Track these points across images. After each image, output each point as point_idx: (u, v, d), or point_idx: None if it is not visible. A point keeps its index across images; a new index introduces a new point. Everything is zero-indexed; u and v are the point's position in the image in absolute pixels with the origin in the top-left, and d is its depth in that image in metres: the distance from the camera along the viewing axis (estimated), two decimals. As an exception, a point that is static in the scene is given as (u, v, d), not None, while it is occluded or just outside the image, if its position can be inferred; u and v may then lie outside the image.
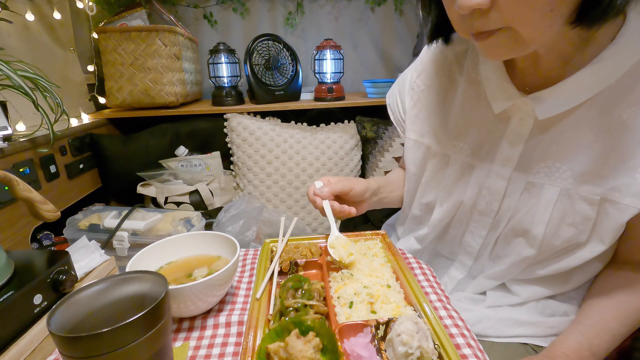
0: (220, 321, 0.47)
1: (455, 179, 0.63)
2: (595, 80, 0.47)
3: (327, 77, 1.45)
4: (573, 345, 0.50)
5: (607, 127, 0.48)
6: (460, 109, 0.62)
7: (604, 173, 0.49)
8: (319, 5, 1.64)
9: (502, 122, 0.57)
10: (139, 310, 0.31)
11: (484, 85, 0.58)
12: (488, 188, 0.59)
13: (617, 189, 0.48)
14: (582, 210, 0.50)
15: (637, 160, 0.46)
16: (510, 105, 0.54)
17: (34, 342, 0.49)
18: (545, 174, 0.53)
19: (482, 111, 0.59)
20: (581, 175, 0.50)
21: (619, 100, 0.47)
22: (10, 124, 0.89)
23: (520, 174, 0.55)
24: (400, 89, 0.75)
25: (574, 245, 0.53)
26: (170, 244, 0.54)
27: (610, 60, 0.46)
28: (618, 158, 0.47)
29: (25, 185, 0.55)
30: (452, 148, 0.63)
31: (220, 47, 1.40)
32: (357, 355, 0.40)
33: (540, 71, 0.52)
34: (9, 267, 0.52)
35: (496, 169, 0.58)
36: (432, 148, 0.67)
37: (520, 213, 0.56)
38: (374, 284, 0.50)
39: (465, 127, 0.62)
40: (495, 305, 0.61)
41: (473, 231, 0.63)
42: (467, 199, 0.62)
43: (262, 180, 1.39)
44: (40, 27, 1.17)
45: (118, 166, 1.32)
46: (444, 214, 0.66)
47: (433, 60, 0.67)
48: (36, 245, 1.03)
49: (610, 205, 0.49)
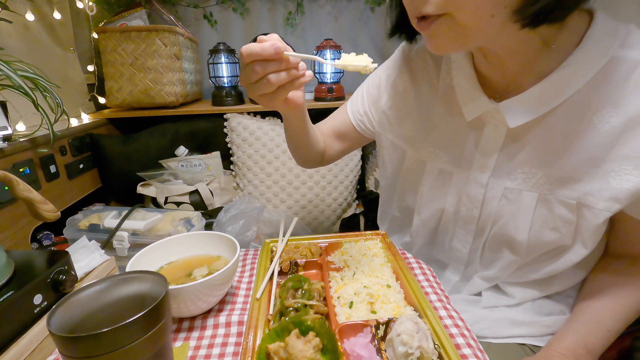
0: (220, 321, 0.47)
1: (433, 186, 0.63)
2: (563, 86, 0.47)
3: (327, 77, 1.45)
4: (568, 344, 0.50)
5: (579, 132, 0.48)
6: (438, 116, 0.61)
7: (578, 178, 0.48)
8: (319, 5, 1.64)
9: (478, 130, 0.56)
10: (139, 310, 0.31)
11: (456, 91, 0.57)
12: (467, 195, 0.58)
13: (592, 194, 0.48)
14: (561, 214, 0.50)
15: (611, 165, 0.46)
16: (484, 113, 0.54)
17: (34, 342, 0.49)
18: (523, 180, 0.53)
19: (457, 118, 0.58)
20: (557, 180, 0.50)
21: (589, 105, 0.47)
22: (10, 124, 0.89)
23: (498, 180, 0.55)
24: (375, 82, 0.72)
25: (560, 248, 0.53)
26: (170, 244, 0.54)
27: (577, 65, 0.46)
28: (592, 163, 0.47)
29: (25, 185, 0.55)
30: (428, 154, 0.63)
31: (220, 47, 1.40)
32: (357, 355, 0.40)
33: (507, 77, 0.52)
34: (9, 267, 0.52)
35: (474, 176, 0.57)
36: (408, 152, 0.66)
37: (503, 220, 0.55)
38: (374, 284, 0.50)
39: (442, 134, 0.61)
40: (491, 306, 0.61)
41: (460, 237, 0.63)
42: (449, 206, 0.61)
43: (262, 180, 1.39)
44: (40, 27, 1.17)
45: (118, 166, 1.32)
46: (427, 220, 0.66)
47: (416, 64, 0.65)
48: (36, 245, 1.03)
49: (586, 210, 0.49)
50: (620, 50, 0.45)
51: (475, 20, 0.41)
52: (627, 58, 0.45)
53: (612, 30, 0.45)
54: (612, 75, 0.45)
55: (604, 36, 0.45)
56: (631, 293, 0.53)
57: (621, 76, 0.45)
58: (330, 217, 1.42)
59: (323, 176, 1.40)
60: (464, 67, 0.56)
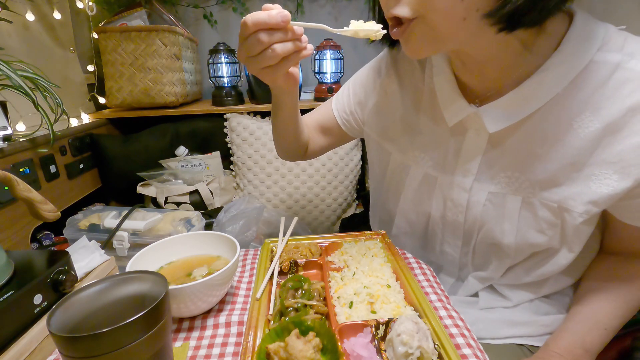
0: (220, 321, 0.47)
1: (417, 191, 0.63)
2: (541, 90, 0.46)
3: (327, 77, 1.45)
4: (566, 344, 0.50)
5: (559, 136, 0.47)
6: (423, 120, 0.61)
7: (560, 182, 0.49)
8: (319, 5, 1.64)
9: (460, 134, 0.56)
10: (139, 310, 0.31)
11: (438, 96, 0.57)
12: (452, 200, 0.58)
13: (572, 198, 0.48)
14: (545, 216, 0.50)
15: (591, 169, 0.46)
16: (465, 118, 0.54)
17: (34, 342, 0.49)
18: (506, 183, 0.53)
19: (440, 123, 0.58)
20: (539, 183, 0.50)
21: (568, 109, 0.46)
22: (10, 124, 0.89)
23: (482, 185, 0.55)
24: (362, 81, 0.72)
25: (549, 251, 0.54)
26: (170, 244, 0.54)
27: (555, 69, 0.45)
28: (573, 167, 0.47)
29: (25, 185, 0.55)
30: (413, 159, 0.62)
31: (220, 47, 1.40)
32: (357, 355, 0.40)
33: (486, 82, 0.52)
34: (9, 267, 0.52)
35: (457, 181, 0.57)
36: (393, 155, 0.66)
37: (489, 224, 0.55)
38: (374, 284, 0.50)
39: (426, 138, 0.61)
40: (489, 307, 0.61)
41: (449, 242, 0.63)
42: (434, 211, 0.61)
43: (262, 180, 1.39)
44: (40, 27, 1.17)
45: (118, 166, 1.32)
46: (415, 224, 0.66)
47: (403, 66, 0.65)
48: (36, 245, 1.03)
49: (566, 214, 0.49)
50: (599, 53, 0.44)
51: (448, 23, 0.41)
52: (606, 61, 0.44)
53: (591, 33, 0.45)
54: (591, 79, 0.44)
55: (582, 40, 0.45)
56: (627, 290, 0.53)
57: (600, 80, 0.44)
58: (330, 217, 1.42)
59: (323, 176, 1.40)
60: (444, 72, 0.56)
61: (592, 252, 0.58)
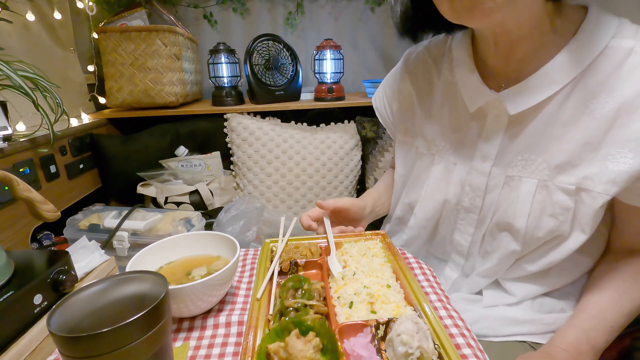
0: (220, 321, 0.47)
1: (438, 178, 0.65)
2: (559, 73, 0.50)
3: (327, 77, 1.45)
4: (571, 340, 0.50)
5: (576, 118, 0.50)
6: (440, 111, 0.65)
7: (577, 163, 0.50)
8: (319, 5, 1.64)
9: (479, 120, 0.59)
10: (139, 310, 0.31)
11: (460, 85, 0.61)
12: (470, 185, 0.60)
13: (590, 178, 0.49)
14: (560, 200, 0.52)
15: (607, 149, 0.48)
16: (485, 104, 0.57)
17: (34, 342, 0.49)
18: (523, 166, 0.55)
19: (460, 111, 0.62)
20: (556, 166, 0.52)
21: (585, 92, 0.49)
22: (10, 124, 0.89)
23: (500, 169, 0.57)
24: (387, 92, 0.78)
25: (557, 237, 0.54)
26: (170, 244, 0.54)
27: (574, 53, 0.49)
28: (589, 147, 0.49)
29: (25, 185, 0.55)
30: (435, 148, 0.66)
31: (220, 47, 1.40)
32: (357, 355, 0.40)
33: (511, 63, 0.54)
34: (9, 267, 0.52)
35: (476, 166, 0.59)
36: (420, 149, 0.69)
37: (503, 207, 0.57)
38: (374, 284, 0.50)
39: (446, 127, 0.64)
40: (492, 305, 0.62)
41: (461, 229, 0.64)
42: (451, 197, 0.63)
43: (262, 180, 1.39)
44: (41, 27, 1.17)
45: (118, 166, 1.32)
46: (429, 212, 0.67)
47: (415, 66, 0.71)
48: (36, 245, 1.03)
49: (585, 194, 0.50)
50: (614, 40, 0.48)
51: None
52: (621, 47, 0.47)
53: (605, 22, 0.48)
54: (607, 64, 0.48)
55: (598, 27, 0.48)
56: (634, 288, 0.53)
57: (615, 64, 0.47)
58: (330, 217, 1.42)
59: (323, 176, 1.40)
60: (465, 62, 0.60)
61: (596, 243, 0.58)
